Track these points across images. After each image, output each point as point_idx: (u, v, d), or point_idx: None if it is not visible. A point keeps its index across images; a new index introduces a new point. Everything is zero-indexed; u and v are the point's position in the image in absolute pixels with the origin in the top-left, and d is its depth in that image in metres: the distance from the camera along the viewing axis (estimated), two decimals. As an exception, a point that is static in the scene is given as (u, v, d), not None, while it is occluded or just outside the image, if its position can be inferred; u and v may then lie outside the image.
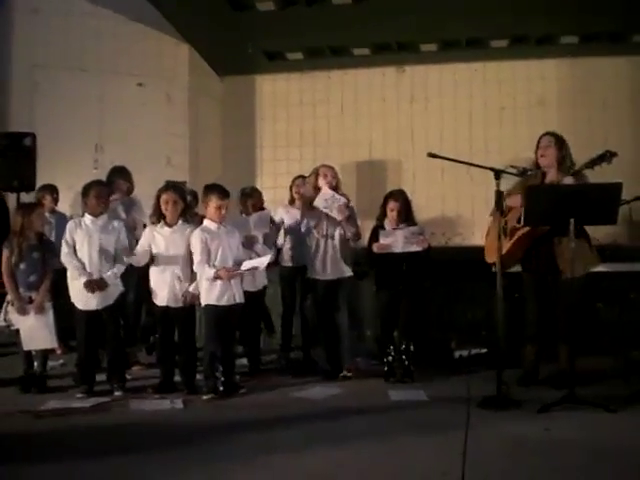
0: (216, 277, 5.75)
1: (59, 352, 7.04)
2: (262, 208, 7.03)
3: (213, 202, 5.94)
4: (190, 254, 5.93)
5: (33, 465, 4.14)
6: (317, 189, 6.52)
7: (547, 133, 6.09)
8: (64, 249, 5.91)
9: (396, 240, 6.35)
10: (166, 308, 5.95)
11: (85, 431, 4.92)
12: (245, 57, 10.50)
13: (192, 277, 5.96)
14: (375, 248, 6.41)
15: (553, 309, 5.81)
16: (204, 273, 5.80)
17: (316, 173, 6.59)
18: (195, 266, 5.86)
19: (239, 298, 5.92)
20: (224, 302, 5.83)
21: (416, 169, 10.42)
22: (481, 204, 9.57)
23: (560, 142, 5.96)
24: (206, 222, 5.97)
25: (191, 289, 5.92)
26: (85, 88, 9.56)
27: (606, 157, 5.38)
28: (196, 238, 5.86)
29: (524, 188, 5.44)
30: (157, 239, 6.01)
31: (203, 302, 5.88)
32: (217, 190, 6.01)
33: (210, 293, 5.84)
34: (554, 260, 5.73)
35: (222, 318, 5.85)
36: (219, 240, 5.89)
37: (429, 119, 10.74)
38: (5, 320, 5.97)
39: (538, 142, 6.07)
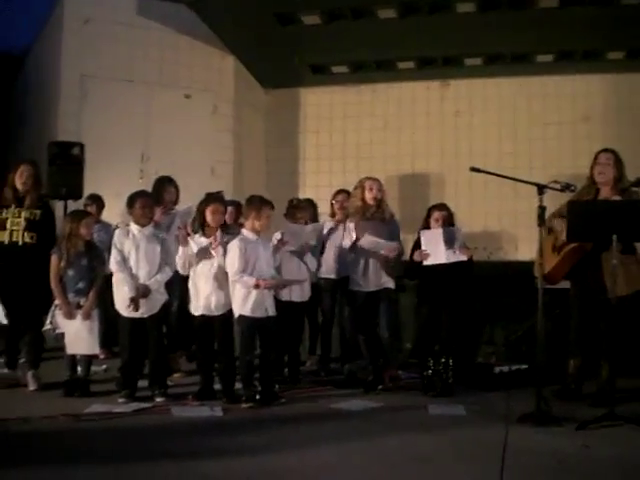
0: (256, 286, 5.80)
1: (102, 357, 7.15)
2: (316, 220, 7.13)
3: (266, 213, 5.97)
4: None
5: (75, 467, 4.19)
6: (364, 202, 6.51)
7: (606, 150, 5.97)
8: (115, 256, 6.00)
9: (438, 249, 6.35)
10: (206, 317, 6.02)
11: (127, 435, 4.98)
12: (290, 70, 10.62)
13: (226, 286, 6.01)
14: (416, 256, 6.42)
15: (597, 326, 5.75)
16: (243, 282, 5.85)
17: (362, 186, 6.57)
18: (232, 275, 5.90)
19: (272, 311, 5.95)
20: (258, 314, 5.87)
21: (459, 183, 10.41)
22: (524, 219, 9.51)
23: (618, 161, 5.89)
24: (245, 232, 6.02)
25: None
26: (133, 98, 9.74)
27: None
28: (235, 247, 5.91)
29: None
30: (194, 249, 6.07)
31: (237, 312, 5.93)
32: (267, 202, 6.08)
33: (245, 304, 5.87)
34: (601, 277, 5.65)
35: (255, 329, 5.91)
36: (257, 252, 5.94)
37: (473, 133, 10.74)
38: (51, 323, 6.09)
39: (595, 158, 5.97)
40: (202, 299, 6.00)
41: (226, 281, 5.95)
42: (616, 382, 5.21)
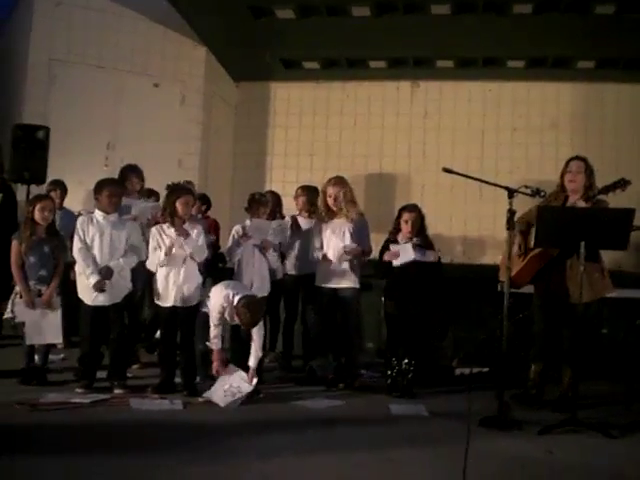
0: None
1: (60, 346, 7.02)
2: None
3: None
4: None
5: (29, 458, 4.10)
6: (327, 207, 6.59)
7: (578, 158, 6.01)
8: (77, 244, 5.90)
9: (407, 251, 6.40)
10: (172, 309, 5.96)
11: (84, 427, 4.89)
12: (261, 64, 10.55)
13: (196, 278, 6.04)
14: (386, 256, 6.45)
15: (560, 331, 5.81)
16: None
17: (323, 192, 6.65)
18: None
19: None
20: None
21: (425, 184, 10.43)
22: (489, 223, 9.63)
23: (589, 169, 5.92)
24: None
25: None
26: (101, 85, 9.59)
27: (620, 184, 5.42)
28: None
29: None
30: (165, 240, 6.00)
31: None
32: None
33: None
34: (565, 283, 5.71)
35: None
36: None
37: (441, 135, 10.75)
38: (12, 312, 5.96)
39: (567, 165, 6.01)
40: (173, 290, 5.94)
41: (196, 273, 5.94)
42: (578, 387, 5.25)
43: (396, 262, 6.47)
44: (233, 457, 4.32)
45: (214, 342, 5.88)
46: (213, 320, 5.87)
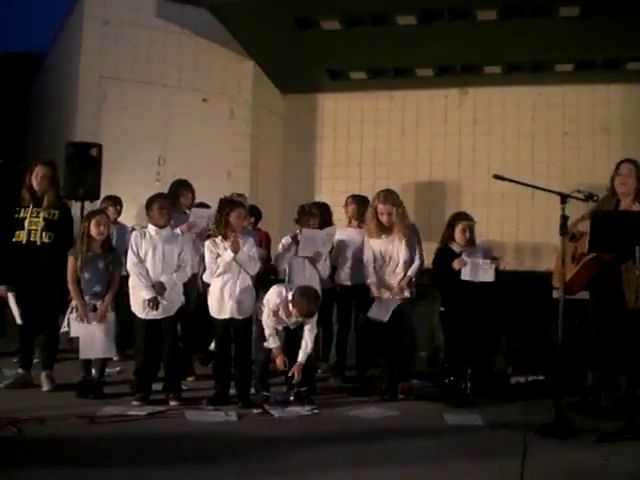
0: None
1: (116, 360, 7.11)
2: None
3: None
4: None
5: (89, 470, 4.16)
6: (378, 222, 6.53)
7: (627, 160, 5.92)
8: (132, 259, 5.97)
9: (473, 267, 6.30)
10: (228, 320, 6.00)
11: (141, 439, 4.94)
12: (308, 75, 10.61)
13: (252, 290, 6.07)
14: (456, 264, 6.32)
15: (616, 337, 5.71)
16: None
17: (374, 208, 6.55)
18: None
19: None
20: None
21: (476, 191, 10.36)
22: (541, 229, 9.51)
23: None
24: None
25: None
26: (151, 101, 9.74)
27: None
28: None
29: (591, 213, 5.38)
30: (220, 252, 6.06)
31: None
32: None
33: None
34: (620, 288, 5.62)
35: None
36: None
37: (491, 142, 10.69)
38: (68, 326, 6.06)
39: (617, 168, 5.93)
40: (230, 302, 5.99)
41: (251, 284, 6.03)
42: (635, 394, 5.15)
43: (466, 276, 6.35)
44: (287, 468, 4.31)
45: (272, 341, 5.94)
46: (268, 322, 5.93)
